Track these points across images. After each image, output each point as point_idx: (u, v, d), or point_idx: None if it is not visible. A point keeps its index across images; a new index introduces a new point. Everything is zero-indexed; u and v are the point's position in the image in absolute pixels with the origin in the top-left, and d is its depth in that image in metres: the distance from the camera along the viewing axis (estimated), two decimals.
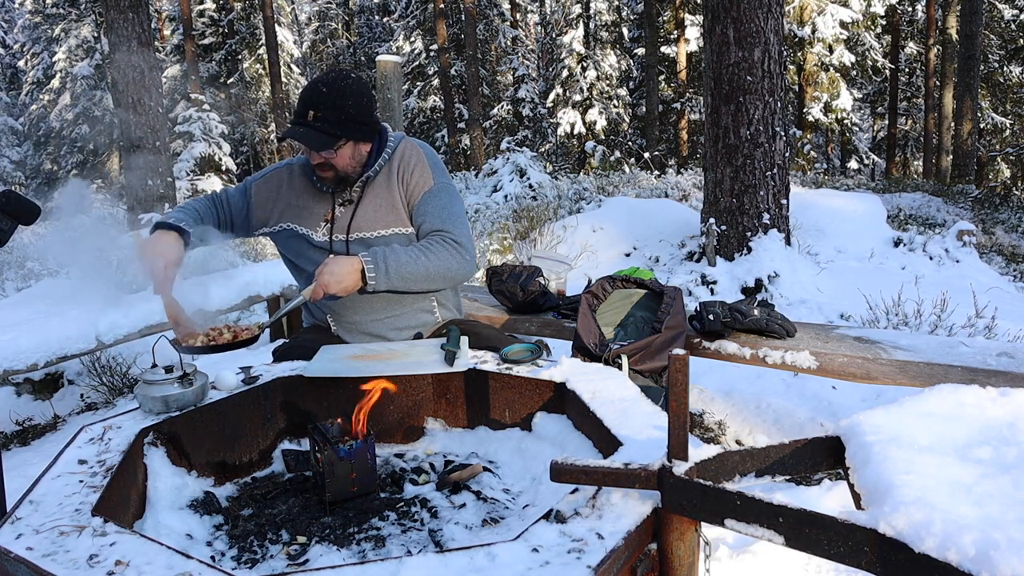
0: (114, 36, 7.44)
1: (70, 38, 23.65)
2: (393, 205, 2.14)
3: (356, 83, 2.07)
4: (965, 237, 6.48)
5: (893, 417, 1.17)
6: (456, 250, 2.07)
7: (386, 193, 2.15)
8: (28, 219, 1.62)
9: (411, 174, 2.16)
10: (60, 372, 4.18)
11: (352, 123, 2.03)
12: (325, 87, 2.02)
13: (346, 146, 2.06)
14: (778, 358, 2.65)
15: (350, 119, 2.02)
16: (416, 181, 2.15)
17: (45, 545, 1.10)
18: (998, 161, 18.44)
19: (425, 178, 2.16)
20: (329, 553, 1.38)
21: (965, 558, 0.82)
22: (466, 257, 2.10)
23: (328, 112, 2.00)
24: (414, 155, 2.19)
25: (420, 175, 2.16)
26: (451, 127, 22.35)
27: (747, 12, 5.36)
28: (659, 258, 6.52)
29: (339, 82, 2.04)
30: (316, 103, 2.00)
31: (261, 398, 1.81)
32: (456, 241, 2.08)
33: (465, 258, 2.09)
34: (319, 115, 2.00)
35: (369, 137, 2.12)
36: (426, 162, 2.19)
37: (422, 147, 2.24)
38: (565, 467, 1.18)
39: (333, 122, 2.00)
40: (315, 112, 2.00)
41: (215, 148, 15.15)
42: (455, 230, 2.10)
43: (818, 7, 15.75)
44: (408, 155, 2.19)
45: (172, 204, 7.69)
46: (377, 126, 2.15)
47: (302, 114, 2.03)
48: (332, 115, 2.00)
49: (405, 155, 2.19)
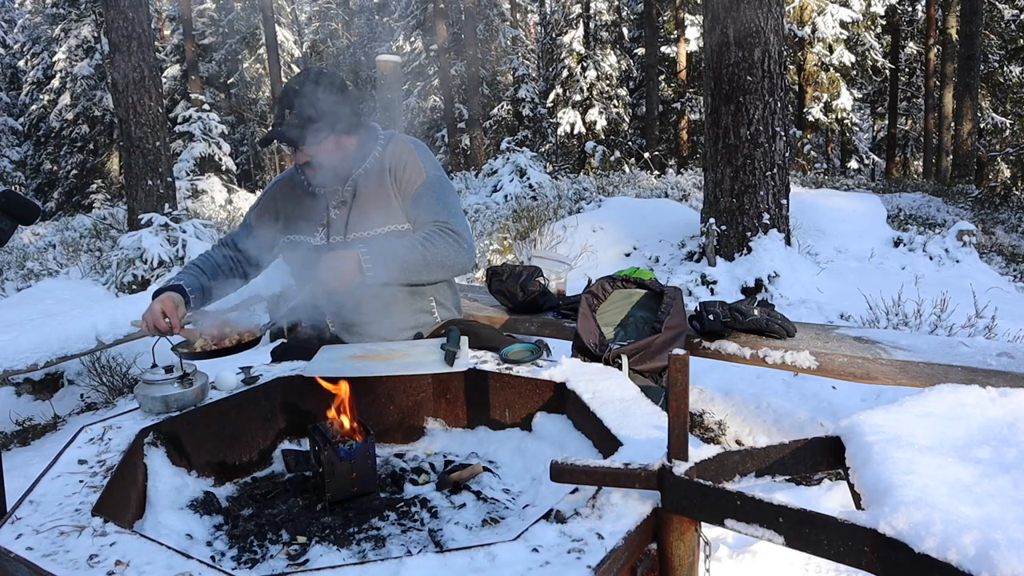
0: (114, 36, 7.44)
1: (70, 38, 23.64)
2: (387, 202, 2.13)
3: (327, 77, 2.10)
4: (965, 237, 6.48)
5: (893, 417, 1.17)
6: (454, 239, 2.06)
7: (379, 191, 2.14)
8: (28, 219, 1.63)
9: (403, 169, 2.15)
10: (60, 372, 4.18)
11: (327, 115, 2.04)
12: (297, 85, 2.07)
13: (327, 140, 2.06)
14: (778, 358, 2.65)
15: (327, 113, 2.03)
16: (409, 176, 2.15)
17: (45, 545, 1.10)
18: (998, 161, 18.42)
19: (418, 172, 2.15)
20: (329, 553, 1.38)
21: (965, 558, 0.82)
22: (464, 246, 2.08)
23: (303, 109, 2.02)
24: (405, 150, 2.18)
25: (412, 169, 2.15)
26: (451, 127, 22.34)
27: (747, 12, 5.35)
28: (659, 258, 6.52)
29: (312, 80, 2.07)
30: (290, 102, 2.04)
31: (261, 398, 1.81)
32: (453, 230, 2.07)
33: (463, 247, 2.08)
34: (294, 112, 2.03)
35: (350, 129, 2.11)
36: (417, 156, 2.18)
37: (412, 142, 2.24)
38: (565, 467, 1.18)
39: (308, 117, 2.02)
40: (290, 111, 2.04)
41: (215, 148, 15.15)
42: (451, 220, 2.09)
43: (818, 7, 15.75)
44: (399, 151, 2.18)
45: (172, 204, 7.68)
46: (357, 119, 2.14)
47: (280, 116, 2.07)
48: (307, 111, 2.02)
49: (396, 151, 2.18)
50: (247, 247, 2.27)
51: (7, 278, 8.05)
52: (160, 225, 6.47)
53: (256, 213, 2.31)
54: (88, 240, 10.03)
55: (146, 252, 6.26)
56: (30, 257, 9.09)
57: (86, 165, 24.31)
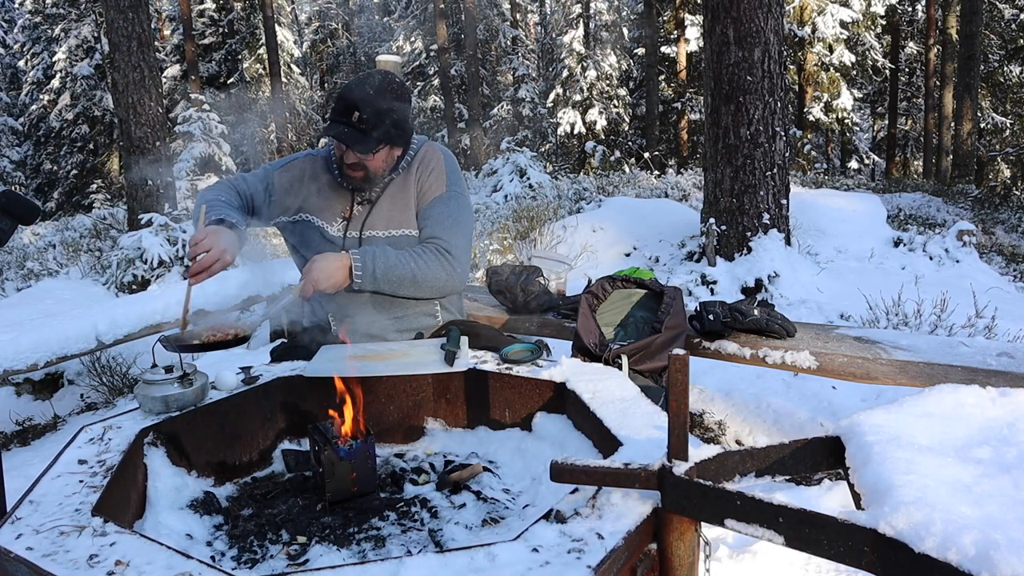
0: (114, 36, 7.44)
1: (70, 38, 23.63)
2: (407, 206, 2.15)
3: (401, 88, 2.08)
4: (965, 237, 6.48)
5: (893, 417, 1.17)
6: (447, 260, 2.07)
7: (403, 194, 2.16)
8: (28, 219, 1.63)
9: (427, 176, 2.17)
10: (60, 372, 4.18)
11: (394, 129, 2.03)
12: (372, 89, 2.01)
13: (383, 150, 2.06)
14: (778, 358, 2.65)
15: (393, 124, 2.02)
16: (430, 185, 2.16)
17: (45, 545, 1.10)
18: (998, 161, 18.43)
19: (439, 183, 2.17)
20: (329, 553, 1.38)
21: (965, 558, 0.82)
22: (456, 269, 2.09)
23: (373, 115, 1.99)
24: (434, 159, 2.20)
25: (435, 179, 2.17)
26: (451, 127, 22.34)
27: (747, 12, 5.35)
28: (659, 258, 6.52)
29: (386, 86, 2.03)
30: (362, 105, 1.99)
31: (261, 398, 1.81)
32: (448, 251, 2.07)
33: (455, 270, 2.08)
34: (364, 117, 1.98)
35: (404, 143, 2.12)
36: (444, 168, 2.20)
37: (443, 153, 2.24)
38: (565, 467, 1.18)
39: (377, 126, 1.99)
40: (360, 113, 1.99)
41: (215, 148, 15.13)
42: (451, 240, 2.09)
43: (818, 7, 15.75)
44: (428, 158, 2.20)
45: (172, 204, 7.68)
46: (411, 133, 2.15)
47: (345, 113, 2.00)
48: (376, 119, 1.99)
49: (426, 158, 2.20)
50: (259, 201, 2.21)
51: (7, 278, 8.05)
52: (160, 225, 6.48)
53: (281, 175, 2.23)
54: (88, 240, 10.03)
55: (146, 252, 6.27)
56: (30, 257, 9.10)
57: (86, 165, 24.30)
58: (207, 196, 2.07)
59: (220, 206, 2.01)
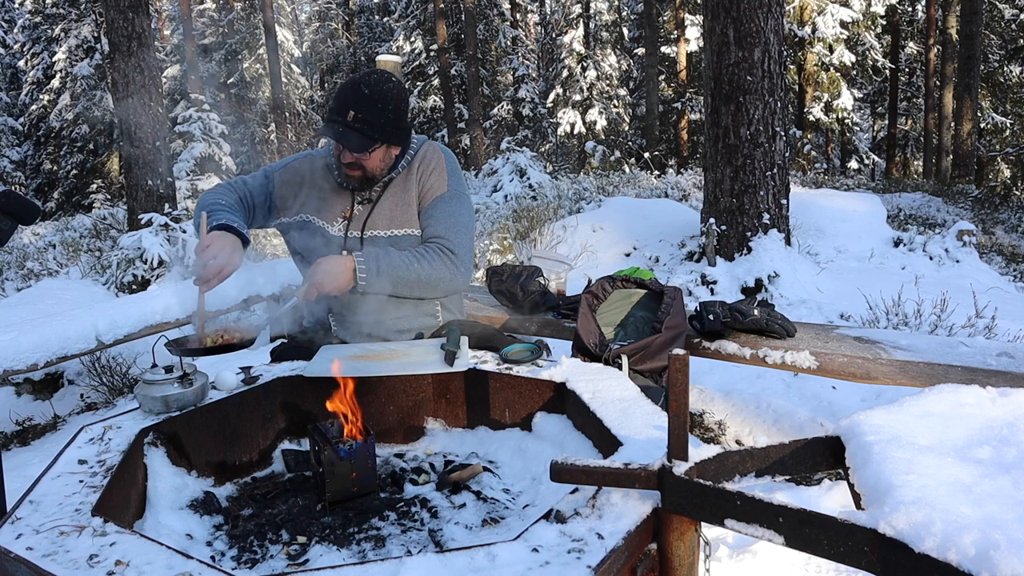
0: (114, 36, 7.44)
1: (70, 38, 23.63)
2: (408, 206, 2.16)
3: (397, 87, 2.08)
4: (965, 237, 6.48)
5: (893, 417, 1.17)
6: (451, 260, 2.07)
7: (403, 194, 2.16)
8: (28, 219, 1.63)
9: (429, 176, 2.17)
10: (60, 372, 4.18)
11: (390, 127, 2.03)
12: (368, 89, 2.01)
13: (380, 149, 2.06)
14: (778, 358, 2.65)
15: (389, 123, 2.02)
16: (431, 184, 2.17)
17: (45, 545, 1.10)
18: (998, 161, 18.41)
19: (440, 183, 2.17)
20: (329, 553, 1.38)
21: (965, 558, 0.82)
22: (460, 268, 2.09)
23: (368, 114, 1.99)
24: (434, 158, 2.20)
25: (436, 179, 2.17)
26: (451, 127, 22.34)
27: (747, 12, 5.35)
28: (659, 258, 6.52)
29: (381, 85, 2.04)
30: (357, 104, 2.00)
31: (261, 398, 1.81)
32: (451, 250, 2.08)
33: (459, 269, 2.09)
34: (359, 116, 1.99)
35: (402, 142, 2.13)
36: (445, 167, 2.20)
37: (444, 152, 2.25)
38: (565, 467, 1.18)
39: (372, 125, 2.00)
40: (355, 113, 1.99)
41: (215, 148, 15.13)
42: (454, 239, 2.10)
43: (818, 7, 15.74)
44: (429, 158, 2.20)
45: (172, 204, 7.68)
46: (410, 132, 2.15)
47: (341, 112, 2.01)
48: (372, 118, 2.00)
49: (426, 158, 2.20)
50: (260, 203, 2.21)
51: (7, 278, 8.05)
52: (160, 225, 6.47)
53: (281, 176, 2.24)
54: (88, 240, 10.03)
55: (146, 252, 6.26)
56: (30, 257, 9.10)
57: (86, 165, 24.30)
58: (208, 200, 2.07)
59: (222, 210, 2.01)
